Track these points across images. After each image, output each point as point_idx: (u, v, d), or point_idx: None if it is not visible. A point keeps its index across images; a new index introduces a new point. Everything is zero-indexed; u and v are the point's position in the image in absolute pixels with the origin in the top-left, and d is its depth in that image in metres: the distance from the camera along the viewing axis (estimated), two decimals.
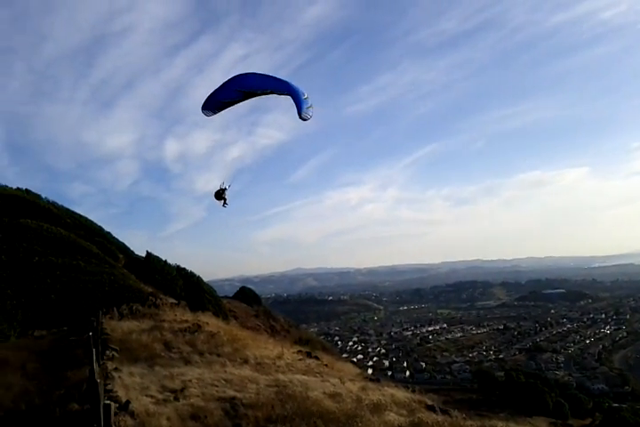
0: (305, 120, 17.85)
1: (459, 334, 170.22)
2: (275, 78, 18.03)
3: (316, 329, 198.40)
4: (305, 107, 17.64)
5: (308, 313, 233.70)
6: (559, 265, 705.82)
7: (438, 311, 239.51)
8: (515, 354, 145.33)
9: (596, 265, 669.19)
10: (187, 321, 28.44)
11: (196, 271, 58.29)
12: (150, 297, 36.16)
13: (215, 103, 18.86)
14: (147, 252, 56.49)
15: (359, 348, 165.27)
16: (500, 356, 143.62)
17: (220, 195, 20.13)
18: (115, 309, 30.41)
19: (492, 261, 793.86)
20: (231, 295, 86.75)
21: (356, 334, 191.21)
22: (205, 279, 62.45)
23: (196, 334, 24.53)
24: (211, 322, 30.12)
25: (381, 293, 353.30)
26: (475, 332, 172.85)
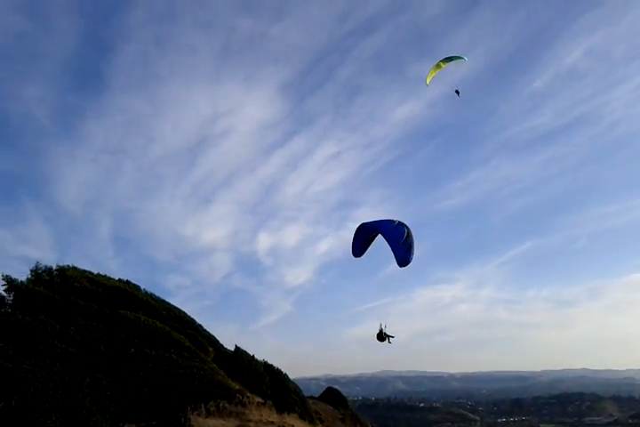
0: (403, 267, 19.59)
1: None
2: (382, 223, 20.22)
3: None
4: (402, 252, 19.39)
5: (398, 420, 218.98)
6: None
7: (541, 426, 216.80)
8: None
9: None
10: (272, 423, 27.61)
11: (283, 368, 57.31)
12: (237, 395, 35.67)
13: (357, 251, 21.55)
14: (235, 346, 56.78)
15: None
16: None
17: (381, 337, 21.46)
18: (202, 405, 30.16)
19: (601, 370, 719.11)
20: (317, 395, 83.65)
21: None
22: (291, 377, 61.03)
23: None
24: (296, 425, 28.98)
25: (477, 401, 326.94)
26: None
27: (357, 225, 20.48)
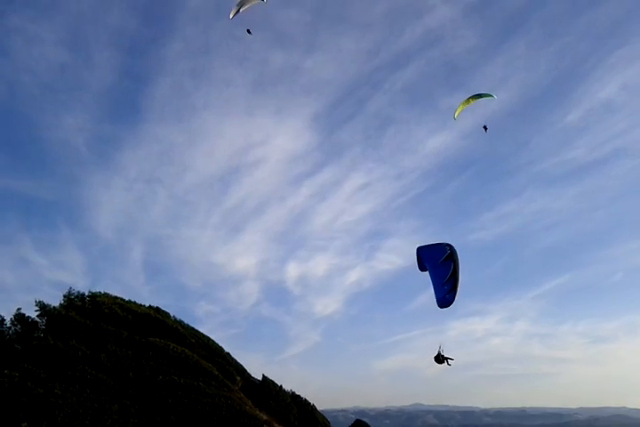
0: (443, 308, 18.96)
1: None
2: (430, 254, 19.80)
3: None
4: (442, 294, 18.83)
5: None
6: None
7: None
8: None
9: None
10: None
11: (310, 399, 56.48)
12: (265, 425, 35.18)
13: (420, 267, 20.78)
14: (263, 376, 56.21)
15: None
16: None
17: (439, 359, 21.05)
18: None
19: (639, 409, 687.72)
20: None
21: None
22: (319, 408, 60.05)
23: None
24: None
25: None
26: None
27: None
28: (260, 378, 55.19)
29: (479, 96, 29.04)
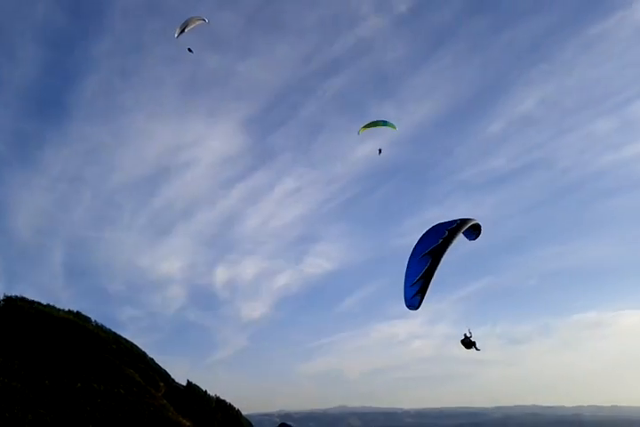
0: (409, 309, 18.17)
1: None
2: (418, 246, 18.70)
3: None
4: (410, 294, 18.06)
5: None
6: (627, 415, 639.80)
7: None
8: None
9: None
10: None
11: (236, 403, 56.18)
12: None
13: None
14: (187, 381, 55.36)
15: None
16: None
17: (467, 343, 19.65)
18: None
19: (550, 407, 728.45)
20: None
21: None
22: (244, 412, 59.78)
23: None
24: None
25: None
26: None
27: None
28: (184, 383, 54.33)
29: (385, 124, 30.72)
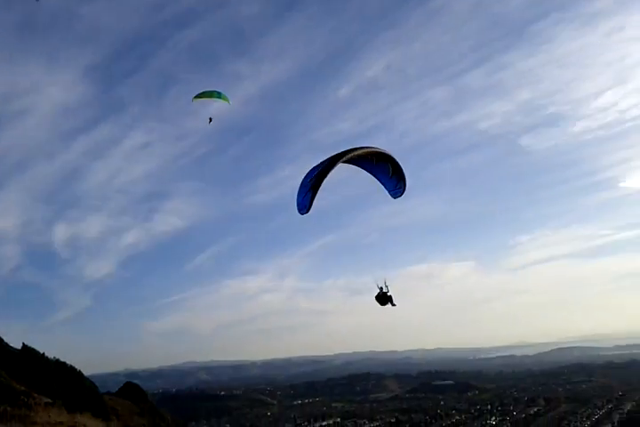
0: (300, 213, 18.28)
1: None
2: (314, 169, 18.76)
3: None
4: (300, 199, 18.29)
5: (198, 410, 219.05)
6: (448, 357, 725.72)
7: (332, 405, 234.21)
8: None
9: (482, 357, 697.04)
10: (62, 423, 26.94)
11: (79, 365, 54.76)
12: (22, 396, 33.70)
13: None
14: (23, 344, 52.67)
15: None
16: None
17: (382, 299, 18.99)
18: None
19: (385, 352, 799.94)
20: (115, 391, 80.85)
21: None
22: (88, 373, 58.71)
23: None
24: (89, 424, 28.61)
25: (276, 386, 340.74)
26: (368, 426, 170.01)
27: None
28: (19, 347, 51.70)
29: (219, 95, 31.73)
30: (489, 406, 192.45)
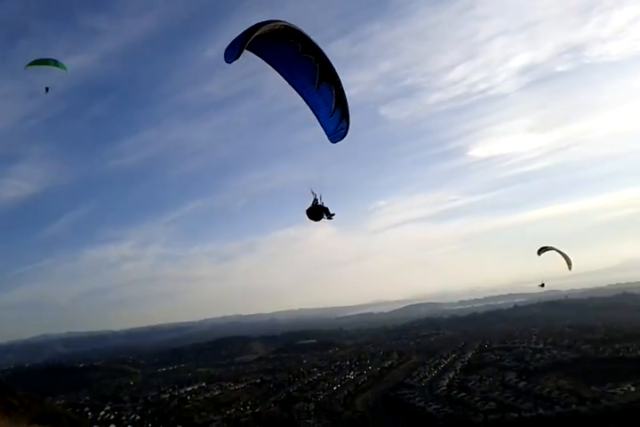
0: (335, 141, 15.98)
1: (217, 392, 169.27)
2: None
3: (64, 401, 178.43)
4: (333, 127, 15.85)
5: (55, 384, 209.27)
6: (312, 316, 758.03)
7: (198, 370, 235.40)
8: (270, 407, 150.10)
9: (343, 315, 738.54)
10: None
11: None
12: None
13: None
14: None
15: (112, 417, 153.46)
16: (257, 410, 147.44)
17: (316, 213, 15.34)
18: None
19: (251, 315, 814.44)
20: None
21: (109, 402, 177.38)
22: None
23: None
24: None
25: (139, 355, 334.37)
26: (233, 388, 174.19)
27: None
28: None
29: (56, 63, 31.22)
30: (348, 362, 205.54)
